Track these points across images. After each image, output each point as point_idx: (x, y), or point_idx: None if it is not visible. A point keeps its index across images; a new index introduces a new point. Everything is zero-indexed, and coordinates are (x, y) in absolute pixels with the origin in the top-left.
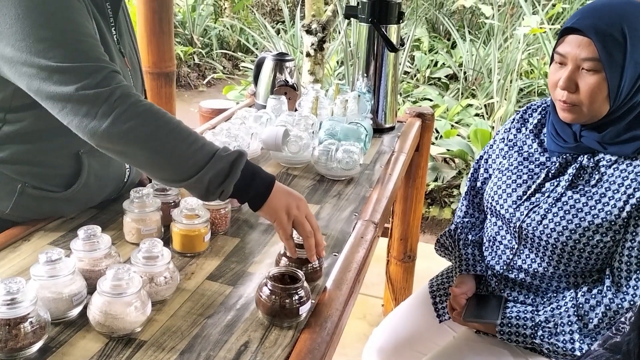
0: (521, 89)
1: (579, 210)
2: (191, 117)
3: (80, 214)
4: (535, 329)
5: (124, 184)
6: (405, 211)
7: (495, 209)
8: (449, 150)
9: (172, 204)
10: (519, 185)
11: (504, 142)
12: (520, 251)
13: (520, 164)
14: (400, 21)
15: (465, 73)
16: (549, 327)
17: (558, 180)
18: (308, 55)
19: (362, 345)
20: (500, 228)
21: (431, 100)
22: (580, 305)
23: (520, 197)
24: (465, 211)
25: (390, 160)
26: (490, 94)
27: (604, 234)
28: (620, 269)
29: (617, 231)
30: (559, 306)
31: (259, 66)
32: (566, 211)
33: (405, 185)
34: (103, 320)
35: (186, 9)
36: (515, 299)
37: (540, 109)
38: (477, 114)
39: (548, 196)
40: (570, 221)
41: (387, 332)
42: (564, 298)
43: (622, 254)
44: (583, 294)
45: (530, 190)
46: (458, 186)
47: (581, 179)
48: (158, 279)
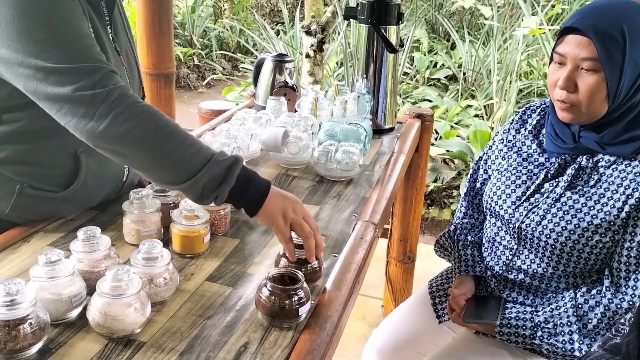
0: (520, 90)
1: (578, 210)
2: (191, 118)
3: (80, 215)
4: (535, 329)
5: (122, 184)
6: (404, 212)
7: (495, 210)
8: (448, 151)
9: (172, 205)
10: (518, 186)
11: (503, 143)
12: (520, 252)
13: (520, 164)
14: (400, 22)
15: (464, 74)
16: (549, 328)
17: (557, 180)
18: (307, 56)
19: (362, 346)
20: (499, 229)
21: (431, 101)
22: (580, 306)
23: (520, 198)
24: (465, 212)
25: (390, 161)
26: (490, 95)
27: (603, 235)
28: (619, 269)
29: (616, 231)
30: (558, 307)
31: (259, 67)
32: (565, 212)
33: (405, 186)
34: (102, 322)
35: (186, 10)
36: (515, 300)
37: (539, 110)
38: (477, 115)
39: (547, 197)
40: (569, 221)
41: (387, 333)
42: (563, 299)
43: (621, 254)
44: (582, 294)
45: (529, 191)
46: (457, 187)
47: (580, 179)
48: (157, 280)
